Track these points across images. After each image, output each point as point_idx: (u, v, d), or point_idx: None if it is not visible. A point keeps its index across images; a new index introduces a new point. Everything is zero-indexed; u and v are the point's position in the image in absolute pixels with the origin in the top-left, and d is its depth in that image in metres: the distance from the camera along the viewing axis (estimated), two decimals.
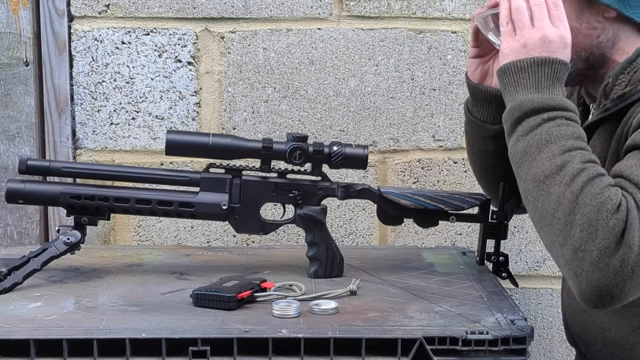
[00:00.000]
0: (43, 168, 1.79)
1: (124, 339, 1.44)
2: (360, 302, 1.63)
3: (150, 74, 2.24)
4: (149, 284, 1.76)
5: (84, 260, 1.93)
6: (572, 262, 1.35)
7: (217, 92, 2.26)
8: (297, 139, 1.77)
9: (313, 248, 1.82)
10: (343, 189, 1.82)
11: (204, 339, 1.44)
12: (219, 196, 1.78)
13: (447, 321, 1.52)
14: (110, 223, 2.26)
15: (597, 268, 1.32)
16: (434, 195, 1.84)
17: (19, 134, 2.22)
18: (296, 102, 2.27)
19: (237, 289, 1.60)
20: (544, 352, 2.35)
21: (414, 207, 1.83)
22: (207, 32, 2.24)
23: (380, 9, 2.26)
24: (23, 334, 1.45)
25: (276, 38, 2.25)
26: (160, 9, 2.22)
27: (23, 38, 2.20)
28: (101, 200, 1.76)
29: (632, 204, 1.35)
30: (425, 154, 2.31)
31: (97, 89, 2.24)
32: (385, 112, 2.28)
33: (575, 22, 1.55)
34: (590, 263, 1.33)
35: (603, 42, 1.57)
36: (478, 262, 1.86)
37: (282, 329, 1.47)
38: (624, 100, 1.53)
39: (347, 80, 2.27)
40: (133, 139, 2.26)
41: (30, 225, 2.26)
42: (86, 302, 1.63)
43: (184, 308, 1.59)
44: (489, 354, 1.46)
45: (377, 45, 2.26)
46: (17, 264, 1.72)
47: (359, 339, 1.45)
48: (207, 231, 2.29)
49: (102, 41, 2.22)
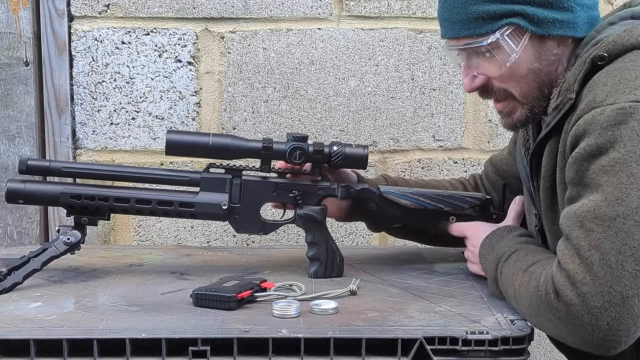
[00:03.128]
0: (43, 168, 1.79)
1: (124, 339, 1.44)
2: (360, 302, 1.63)
3: (150, 74, 2.24)
4: (149, 284, 1.76)
5: (84, 260, 1.92)
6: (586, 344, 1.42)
7: (217, 92, 2.26)
8: (297, 139, 1.77)
9: (313, 248, 1.81)
10: (343, 189, 1.82)
11: (204, 339, 1.44)
12: (219, 196, 1.78)
13: (447, 321, 1.52)
14: (110, 223, 2.26)
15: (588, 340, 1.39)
16: (434, 195, 1.84)
17: (19, 134, 2.22)
18: (296, 102, 2.27)
19: (237, 289, 1.60)
20: (544, 352, 2.35)
21: (414, 207, 1.83)
22: (207, 32, 2.24)
23: (380, 9, 2.26)
24: (23, 334, 1.45)
25: (276, 38, 2.25)
26: (160, 9, 2.22)
27: (23, 38, 2.20)
28: (101, 200, 1.76)
29: (555, 273, 1.42)
30: (425, 154, 2.31)
31: (97, 89, 2.24)
32: (385, 112, 2.28)
33: (537, 63, 1.55)
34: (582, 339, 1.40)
35: (561, 72, 1.57)
36: None
37: (282, 329, 1.47)
38: (558, 111, 1.53)
39: (347, 80, 2.27)
40: (133, 139, 2.26)
41: (30, 225, 2.26)
42: (86, 302, 1.63)
43: (184, 308, 1.59)
44: (489, 354, 1.46)
45: (377, 45, 2.26)
46: (17, 264, 1.72)
47: (359, 339, 1.45)
48: (207, 231, 2.29)
49: (102, 41, 2.22)
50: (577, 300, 1.37)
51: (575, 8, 1.53)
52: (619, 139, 1.39)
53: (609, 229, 1.38)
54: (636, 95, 1.41)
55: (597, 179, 1.41)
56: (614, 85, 1.44)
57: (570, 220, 1.42)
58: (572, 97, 1.50)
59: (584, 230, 1.39)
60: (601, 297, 1.36)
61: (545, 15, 1.52)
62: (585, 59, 1.51)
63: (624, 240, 1.37)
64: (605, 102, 1.43)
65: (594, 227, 1.38)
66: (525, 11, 1.52)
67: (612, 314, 1.36)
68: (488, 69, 1.58)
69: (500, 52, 1.55)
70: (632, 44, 1.49)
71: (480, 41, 1.55)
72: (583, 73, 1.50)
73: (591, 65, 1.50)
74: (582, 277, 1.37)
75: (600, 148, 1.41)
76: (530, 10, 1.52)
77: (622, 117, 1.40)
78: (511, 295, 1.54)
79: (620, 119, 1.40)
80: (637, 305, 1.36)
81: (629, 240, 1.36)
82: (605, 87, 1.45)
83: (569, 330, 1.40)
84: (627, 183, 1.38)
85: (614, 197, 1.38)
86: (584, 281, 1.37)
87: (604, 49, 1.49)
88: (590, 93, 1.47)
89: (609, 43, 1.49)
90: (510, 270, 1.56)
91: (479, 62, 1.58)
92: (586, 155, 1.42)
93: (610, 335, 1.36)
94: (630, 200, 1.37)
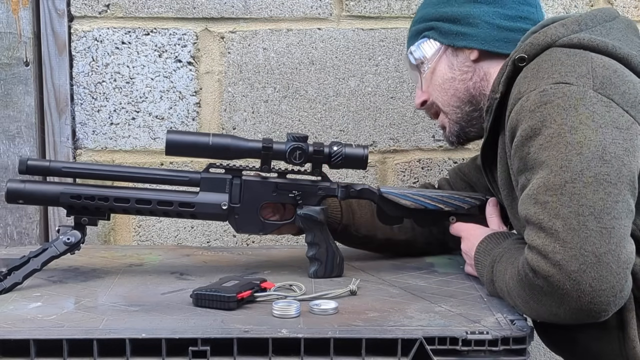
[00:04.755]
0: (43, 168, 1.79)
1: (124, 339, 1.44)
2: (360, 302, 1.63)
3: (150, 74, 2.24)
4: (149, 284, 1.76)
5: (84, 260, 1.93)
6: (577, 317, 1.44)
7: (217, 92, 2.26)
8: (297, 139, 1.77)
9: (313, 248, 1.82)
10: (343, 189, 1.82)
11: (204, 339, 1.44)
12: (219, 196, 1.78)
13: (447, 321, 1.52)
14: (110, 223, 2.26)
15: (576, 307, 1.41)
16: (434, 195, 1.84)
17: (19, 134, 2.22)
18: (296, 102, 2.27)
19: (237, 289, 1.60)
20: (544, 352, 2.35)
21: (414, 207, 1.83)
22: (207, 32, 2.24)
23: (380, 9, 2.26)
24: (23, 334, 1.45)
25: (276, 38, 2.25)
26: (160, 9, 2.22)
27: (23, 38, 2.20)
28: (101, 200, 1.76)
29: (527, 254, 1.45)
30: (425, 154, 2.31)
31: (97, 89, 2.24)
32: (385, 112, 2.28)
33: (450, 72, 1.77)
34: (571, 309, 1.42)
35: (477, 81, 1.76)
36: None
37: (282, 329, 1.47)
38: (489, 113, 1.66)
39: (347, 80, 2.27)
40: (133, 139, 2.26)
41: (30, 225, 2.26)
42: (86, 302, 1.63)
43: (184, 308, 1.59)
44: (489, 354, 1.46)
45: (377, 45, 2.26)
46: (17, 264, 1.72)
47: (359, 339, 1.45)
48: (207, 231, 2.29)
49: (102, 41, 2.22)
50: (554, 270, 1.39)
51: (482, 24, 1.74)
52: (547, 117, 1.48)
53: (562, 195, 1.42)
54: (554, 79, 1.51)
55: (539, 157, 1.48)
56: (533, 75, 1.56)
57: (525, 202, 1.48)
58: (497, 96, 1.63)
59: (539, 205, 1.44)
60: (575, 260, 1.38)
61: (451, 28, 1.75)
62: (507, 62, 1.63)
63: (579, 202, 1.41)
64: (527, 90, 1.54)
65: (548, 199, 1.43)
66: (436, 25, 1.77)
67: (591, 274, 1.38)
68: (420, 83, 1.83)
69: (423, 65, 1.80)
70: (547, 42, 1.60)
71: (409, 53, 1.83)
72: (506, 75, 1.62)
73: (513, 67, 1.62)
74: (552, 247, 1.40)
75: (533, 130, 1.49)
76: (440, 25, 1.77)
77: (545, 97, 1.50)
78: (505, 291, 1.56)
79: (544, 99, 1.50)
80: (612, 261, 1.38)
81: (583, 200, 1.41)
82: (526, 79, 1.56)
83: (556, 302, 1.41)
84: (566, 152, 1.45)
85: (558, 166, 1.44)
86: (555, 250, 1.40)
87: (523, 51, 1.61)
88: (515, 89, 1.58)
89: (526, 45, 1.62)
90: (502, 268, 1.58)
91: (417, 78, 1.84)
92: (523, 140, 1.51)
93: (597, 297, 1.38)
94: (574, 165, 1.43)
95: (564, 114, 1.47)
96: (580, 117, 1.46)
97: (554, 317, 1.46)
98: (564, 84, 1.50)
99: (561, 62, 1.54)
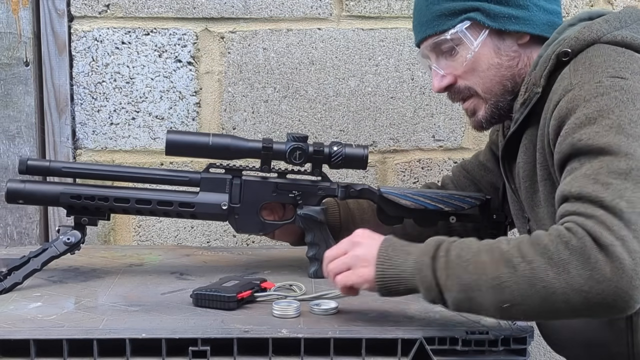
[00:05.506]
0: (43, 168, 1.79)
1: (124, 339, 1.44)
2: (360, 302, 1.63)
3: (150, 74, 2.24)
4: (149, 284, 1.76)
5: (84, 260, 1.93)
6: (592, 302, 1.33)
7: (217, 92, 2.26)
8: (297, 139, 1.77)
9: (313, 248, 1.82)
10: (343, 189, 1.82)
11: (204, 339, 1.44)
12: (219, 196, 1.78)
13: (447, 321, 1.52)
14: (110, 223, 2.26)
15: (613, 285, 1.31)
16: (434, 195, 1.84)
17: (19, 134, 2.22)
18: (296, 102, 2.27)
19: (237, 289, 1.60)
20: (544, 352, 2.35)
21: (414, 207, 1.83)
22: (207, 32, 2.24)
23: (380, 9, 2.26)
24: (23, 334, 1.45)
25: (276, 38, 2.25)
26: (160, 9, 2.22)
27: (23, 38, 2.20)
28: (101, 201, 1.76)
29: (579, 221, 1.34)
30: (425, 154, 2.31)
31: (97, 89, 2.24)
32: (385, 112, 2.28)
33: (497, 58, 1.64)
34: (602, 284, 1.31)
35: (522, 67, 1.65)
36: None
37: (282, 329, 1.47)
38: (526, 106, 1.59)
39: (347, 80, 2.27)
40: (133, 139, 2.26)
41: (30, 225, 2.26)
42: (86, 302, 1.63)
43: (184, 308, 1.59)
44: (489, 354, 1.46)
45: (377, 45, 2.26)
46: (17, 264, 1.72)
47: (359, 339, 1.45)
48: (207, 231, 2.29)
49: (102, 41, 2.22)
50: (618, 242, 1.31)
51: (532, 7, 1.63)
52: (605, 107, 1.43)
53: (626, 181, 1.36)
54: (609, 72, 1.47)
55: (596, 143, 1.41)
56: (585, 69, 1.50)
57: (579, 180, 1.39)
58: (539, 91, 1.57)
59: (600, 184, 1.37)
60: (637, 242, 1.32)
61: (501, 11, 1.62)
62: (550, 56, 1.58)
63: None
64: (581, 82, 1.48)
65: (611, 181, 1.36)
66: (482, 7, 1.62)
67: None
68: (452, 67, 1.67)
69: (461, 47, 1.64)
70: (592, 38, 1.56)
71: (442, 37, 1.65)
72: (549, 69, 1.56)
73: (556, 61, 1.56)
74: (617, 223, 1.33)
75: (589, 118, 1.43)
76: (487, 6, 1.62)
77: (601, 89, 1.45)
78: (489, 288, 1.37)
79: (600, 90, 1.45)
80: None
81: None
82: (577, 72, 1.51)
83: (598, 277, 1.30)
84: (628, 142, 1.39)
85: (623, 153, 1.38)
86: (620, 226, 1.32)
87: (567, 45, 1.56)
88: (562, 82, 1.52)
89: (571, 39, 1.56)
90: (469, 255, 1.40)
91: (445, 61, 1.67)
92: (575, 127, 1.44)
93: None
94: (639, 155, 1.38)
95: (622, 107, 1.43)
96: (639, 111, 1.43)
97: (565, 305, 1.34)
98: (619, 79, 1.46)
99: (613, 58, 1.50)
